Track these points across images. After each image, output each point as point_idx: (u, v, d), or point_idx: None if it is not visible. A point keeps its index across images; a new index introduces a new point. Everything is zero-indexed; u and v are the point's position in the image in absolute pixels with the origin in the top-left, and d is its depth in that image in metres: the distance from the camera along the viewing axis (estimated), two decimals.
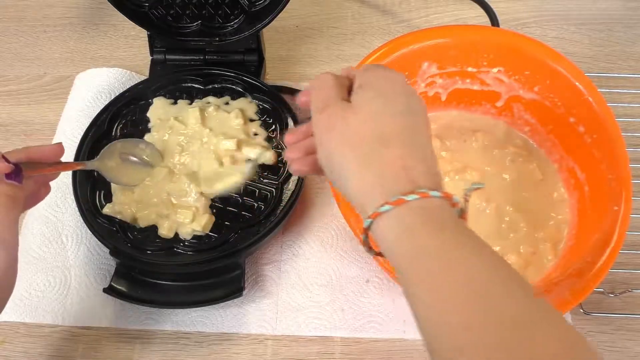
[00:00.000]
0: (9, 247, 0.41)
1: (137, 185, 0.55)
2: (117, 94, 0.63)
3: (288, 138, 0.40)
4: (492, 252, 0.31)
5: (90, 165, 0.53)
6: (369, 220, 0.31)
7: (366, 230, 0.32)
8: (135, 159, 0.55)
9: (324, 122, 0.34)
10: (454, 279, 0.29)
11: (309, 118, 0.38)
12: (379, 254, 0.34)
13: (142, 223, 0.54)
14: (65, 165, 0.49)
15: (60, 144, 0.46)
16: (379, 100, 0.34)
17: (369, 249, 0.35)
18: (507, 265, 0.30)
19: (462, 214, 0.33)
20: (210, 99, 0.61)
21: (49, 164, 0.46)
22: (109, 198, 0.56)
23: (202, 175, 0.56)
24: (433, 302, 0.29)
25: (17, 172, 0.42)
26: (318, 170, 0.37)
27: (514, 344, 0.27)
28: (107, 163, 0.53)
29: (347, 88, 0.36)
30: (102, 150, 0.54)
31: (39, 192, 0.48)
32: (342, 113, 0.34)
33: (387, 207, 0.30)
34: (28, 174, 0.43)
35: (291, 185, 0.56)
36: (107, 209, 0.54)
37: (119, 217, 0.54)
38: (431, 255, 0.30)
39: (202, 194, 0.55)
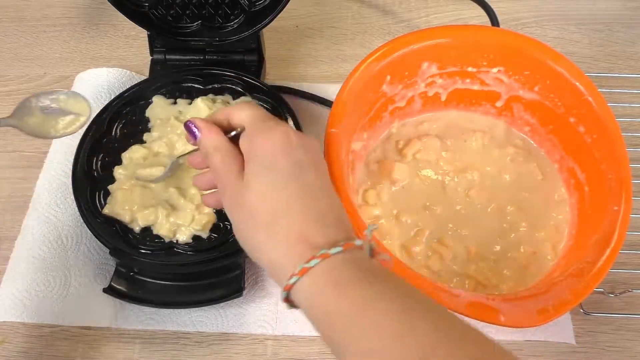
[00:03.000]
0: None
1: (73, 133, 0.52)
2: (117, 94, 0.63)
3: (191, 161, 0.44)
4: (401, 288, 0.32)
5: (5, 122, 0.50)
6: (285, 293, 0.33)
7: (287, 300, 0.34)
8: (58, 108, 0.52)
9: (228, 205, 0.37)
10: (358, 330, 0.30)
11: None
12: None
13: (142, 223, 0.53)
14: None
15: None
16: (265, 174, 0.35)
17: (288, 299, 0.35)
18: (413, 296, 0.31)
19: (372, 252, 0.34)
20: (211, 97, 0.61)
21: None
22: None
23: None
24: (369, 332, 0.30)
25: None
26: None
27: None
28: (27, 120, 0.51)
29: (236, 155, 0.38)
30: (15, 108, 0.51)
31: None
32: (238, 195, 0.36)
33: (294, 278, 0.32)
34: None
35: None
36: (106, 210, 0.54)
37: (118, 217, 0.54)
38: (345, 316, 0.31)
39: (202, 194, 0.55)
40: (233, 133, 0.40)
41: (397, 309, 0.30)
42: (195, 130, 0.40)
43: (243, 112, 0.39)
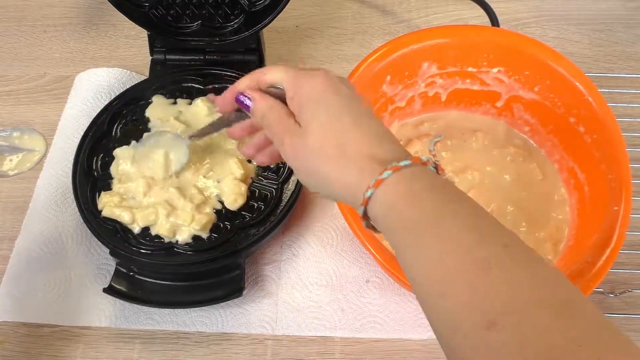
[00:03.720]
0: None
1: (29, 169, 0.52)
2: (117, 94, 0.63)
3: (232, 134, 0.45)
4: (468, 203, 0.34)
5: None
6: (362, 207, 0.35)
7: (364, 217, 0.36)
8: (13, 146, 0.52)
9: (289, 153, 0.38)
10: (432, 240, 0.32)
11: (236, 115, 0.44)
12: (379, 232, 0.37)
13: (142, 223, 0.53)
14: None
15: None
16: (320, 112, 0.37)
17: (373, 230, 0.37)
18: (482, 214, 0.33)
19: (437, 168, 0.36)
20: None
21: None
22: None
23: (203, 175, 0.56)
24: (418, 265, 0.33)
25: None
26: (279, 159, 0.42)
27: (484, 284, 0.30)
28: None
29: (288, 111, 0.39)
30: None
31: None
32: (299, 140, 0.38)
33: (370, 191, 0.34)
34: None
35: (291, 185, 0.56)
36: (106, 212, 0.54)
37: (117, 218, 0.54)
38: (418, 223, 0.33)
39: (202, 193, 0.55)
40: (274, 91, 0.41)
41: (466, 224, 0.32)
42: (247, 100, 0.41)
43: (276, 72, 0.41)
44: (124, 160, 0.56)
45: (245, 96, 0.41)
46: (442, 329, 0.31)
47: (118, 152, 0.57)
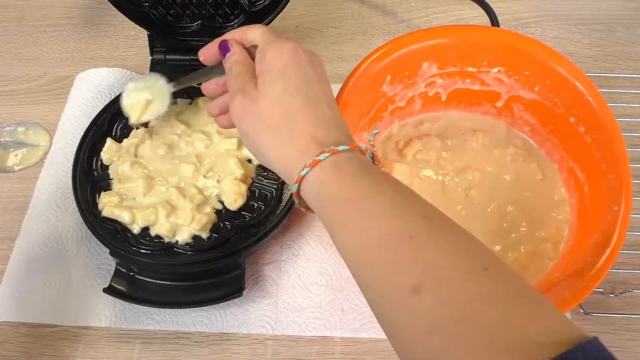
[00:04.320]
0: None
1: (35, 164, 0.52)
2: (117, 94, 0.63)
3: (204, 88, 0.48)
4: (394, 183, 0.36)
5: None
6: (296, 185, 0.37)
7: (297, 194, 0.38)
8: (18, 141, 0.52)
9: (238, 106, 0.40)
10: (358, 215, 0.34)
11: (216, 69, 0.46)
12: (311, 210, 0.39)
13: (142, 223, 0.53)
14: None
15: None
16: (278, 82, 0.39)
17: (305, 208, 0.39)
18: (406, 192, 0.35)
19: (374, 158, 0.39)
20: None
21: None
22: None
23: (203, 175, 0.56)
24: (345, 239, 0.35)
25: None
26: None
27: (405, 252, 0.32)
28: None
29: (253, 70, 0.41)
30: None
31: None
32: (252, 98, 0.39)
33: (305, 170, 0.36)
34: None
35: None
36: (106, 212, 0.54)
37: (117, 218, 0.54)
38: (343, 200, 0.35)
39: (202, 193, 0.55)
40: (253, 51, 0.43)
41: (389, 200, 0.34)
42: (229, 48, 0.43)
43: (256, 30, 0.43)
44: (109, 150, 0.57)
45: (227, 45, 0.43)
46: (372, 298, 0.34)
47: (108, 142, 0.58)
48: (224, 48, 0.44)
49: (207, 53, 0.46)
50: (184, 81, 0.53)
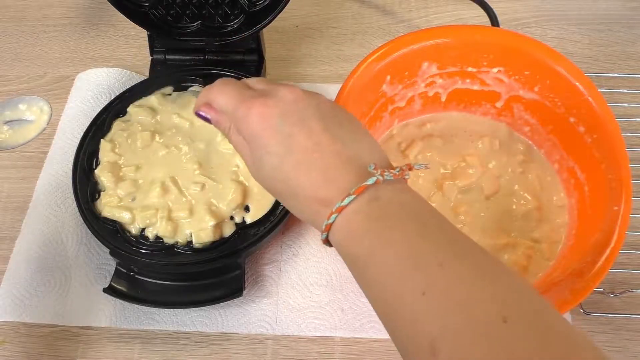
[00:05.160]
0: None
1: (39, 134, 0.52)
2: (117, 94, 0.63)
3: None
4: (404, 224, 0.33)
5: None
6: (335, 215, 0.34)
7: (329, 227, 0.35)
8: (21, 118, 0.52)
9: (253, 173, 0.39)
10: (373, 272, 0.33)
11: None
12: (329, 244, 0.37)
13: (142, 224, 0.53)
14: None
15: None
16: (263, 160, 0.37)
17: (328, 243, 0.38)
18: (420, 233, 0.33)
19: (399, 173, 0.36)
20: None
21: None
22: None
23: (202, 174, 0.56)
24: (368, 296, 0.33)
25: None
26: None
27: (421, 309, 0.30)
28: None
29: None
30: None
31: None
32: (255, 173, 0.39)
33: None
34: None
35: None
36: (106, 212, 0.54)
37: (117, 219, 0.54)
38: (354, 264, 0.34)
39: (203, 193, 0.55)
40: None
41: (400, 251, 0.32)
42: (207, 117, 0.42)
43: (221, 99, 0.40)
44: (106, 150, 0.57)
45: (202, 114, 0.41)
46: (400, 350, 0.32)
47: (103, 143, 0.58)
48: (202, 117, 0.42)
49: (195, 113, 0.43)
50: None
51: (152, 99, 0.61)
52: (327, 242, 0.37)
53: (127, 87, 0.63)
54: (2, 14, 0.79)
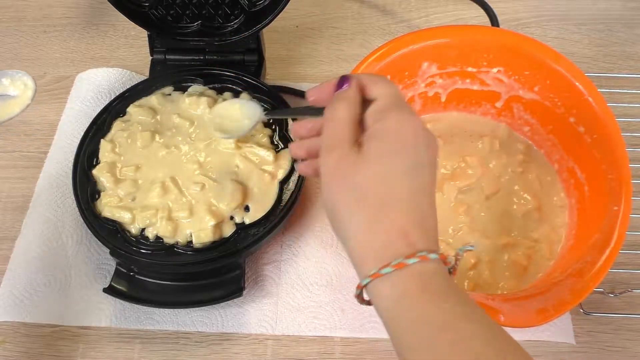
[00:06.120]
0: None
1: (23, 108, 0.53)
2: (117, 94, 0.63)
3: (295, 128, 0.42)
4: (486, 320, 0.32)
5: None
6: (368, 279, 0.33)
7: (363, 287, 0.33)
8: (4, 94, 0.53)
9: (332, 166, 0.35)
10: (445, 345, 0.30)
11: (315, 109, 0.39)
12: (367, 303, 0.35)
13: (142, 224, 0.53)
14: None
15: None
16: (389, 158, 0.34)
17: (362, 301, 0.36)
18: (500, 332, 0.32)
19: (452, 270, 0.35)
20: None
21: None
22: None
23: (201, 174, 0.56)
24: None
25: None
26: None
27: None
28: None
29: (358, 122, 0.36)
30: None
31: None
32: (351, 163, 0.34)
33: (388, 269, 0.32)
34: None
35: (291, 185, 0.56)
36: (106, 212, 0.54)
37: (117, 219, 0.54)
38: (431, 324, 0.31)
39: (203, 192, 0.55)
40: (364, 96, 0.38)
41: (481, 334, 0.31)
42: (346, 83, 0.38)
43: (382, 86, 0.37)
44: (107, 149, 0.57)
45: (348, 81, 0.37)
46: None
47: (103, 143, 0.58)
48: (343, 81, 0.37)
49: (319, 91, 0.39)
50: (277, 113, 0.53)
51: (152, 99, 0.61)
52: (372, 278, 0.33)
53: (127, 87, 0.63)
54: (2, 14, 0.79)
